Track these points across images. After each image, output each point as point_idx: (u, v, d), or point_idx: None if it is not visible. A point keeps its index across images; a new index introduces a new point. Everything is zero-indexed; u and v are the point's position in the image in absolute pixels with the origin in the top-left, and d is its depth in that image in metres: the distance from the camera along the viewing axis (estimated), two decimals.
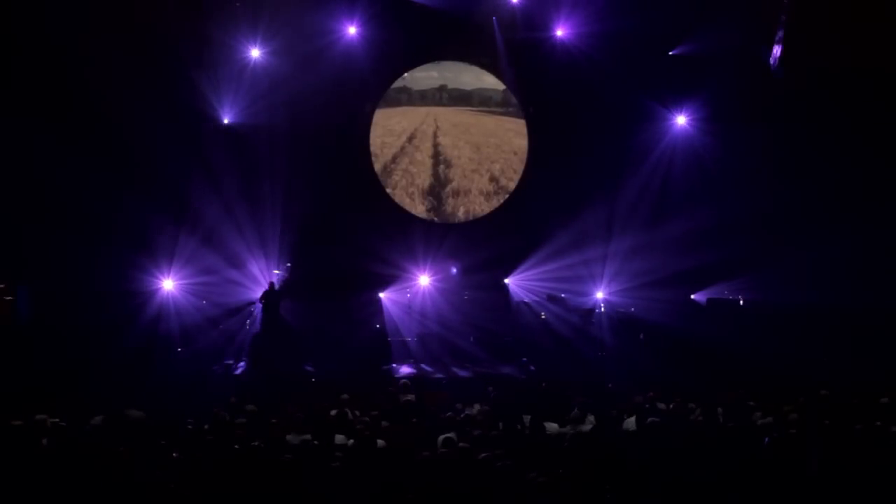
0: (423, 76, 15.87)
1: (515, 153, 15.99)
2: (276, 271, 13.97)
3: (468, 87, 15.98)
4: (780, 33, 14.00)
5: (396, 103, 15.93)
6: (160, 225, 13.41)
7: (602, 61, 14.33)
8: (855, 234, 12.82)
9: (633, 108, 14.47)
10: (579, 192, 14.64)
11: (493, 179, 16.01)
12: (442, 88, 15.93)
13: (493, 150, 16.08)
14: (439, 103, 16.01)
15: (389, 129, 15.95)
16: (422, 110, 16.04)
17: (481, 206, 15.89)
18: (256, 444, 7.02)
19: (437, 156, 16.06)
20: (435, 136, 16.10)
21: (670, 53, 14.70)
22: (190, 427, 7.65)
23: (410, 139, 16.08)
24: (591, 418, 8.27)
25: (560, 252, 14.22)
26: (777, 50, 14.07)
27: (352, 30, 14.82)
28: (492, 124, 16.13)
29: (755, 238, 13.71)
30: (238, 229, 13.87)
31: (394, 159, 15.98)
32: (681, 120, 14.97)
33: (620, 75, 14.10)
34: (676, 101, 14.88)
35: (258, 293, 13.16)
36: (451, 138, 16.10)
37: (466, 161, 16.03)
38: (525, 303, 14.23)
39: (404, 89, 15.89)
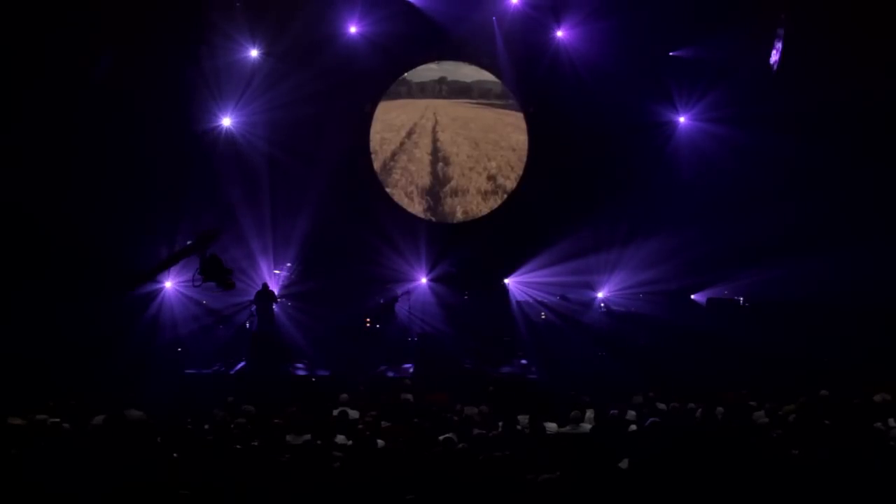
0: (423, 68, 15.80)
1: (514, 149, 15.96)
2: (276, 271, 13.97)
3: (468, 80, 15.92)
4: (781, 33, 14.01)
5: (396, 96, 15.90)
6: (159, 225, 13.38)
7: (603, 62, 14.29)
8: (857, 234, 12.83)
9: (634, 109, 14.43)
10: (579, 192, 14.65)
11: (490, 178, 15.99)
12: (441, 80, 15.88)
13: (491, 147, 16.05)
14: (438, 95, 15.97)
15: (389, 123, 15.92)
16: (421, 103, 16.00)
17: (479, 207, 15.86)
18: (256, 443, 7.04)
19: (435, 153, 16.03)
20: (434, 131, 16.07)
21: (671, 54, 14.70)
22: (190, 427, 7.65)
23: (409, 134, 16.06)
24: (590, 418, 8.29)
25: (560, 253, 14.18)
26: (777, 50, 14.08)
27: (352, 29, 14.84)
28: (491, 118, 16.09)
29: (756, 238, 13.71)
30: (236, 229, 13.84)
31: (393, 156, 15.96)
32: (682, 119, 14.98)
33: (621, 76, 14.08)
34: (677, 101, 14.87)
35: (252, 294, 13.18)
36: (449, 134, 16.07)
37: (465, 158, 16.01)
38: (525, 303, 14.24)
39: (403, 81, 15.84)
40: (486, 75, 15.84)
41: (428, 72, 15.83)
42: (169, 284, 13.40)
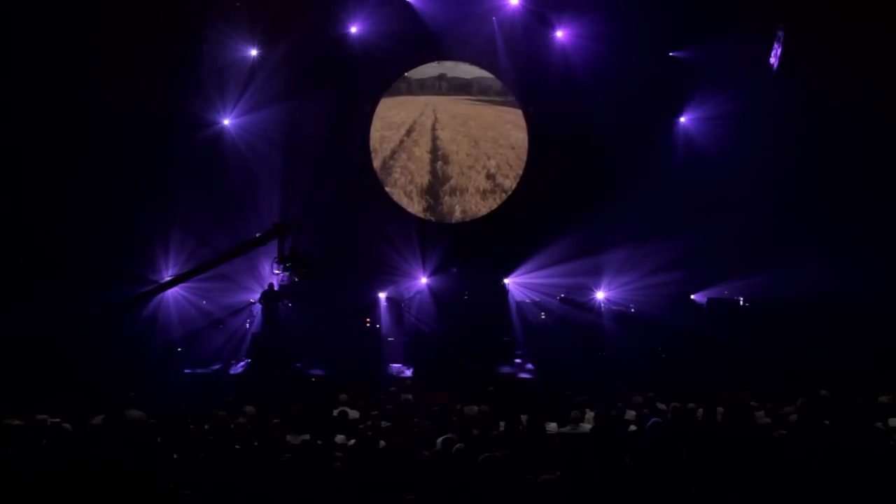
0: (423, 65, 15.85)
1: (513, 147, 15.97)
2: (276, 272, 13.95)
3: (468, 76, 15.95)
4: (781, 33, 14.02)
5: (396, 92, 15.91)
6: (157, 225, 13.39)
7: (603, 61, 14.30)
8: (856, 232, 12.84)
9: (634, 109, 14.41)
10: (579, 191, 14.65)
11: (489, 177, 15.99)
12: (441, 77, 15.90)
13: (490, 145, 16.05)
14: (438, 92, 15.97)
15: (388, 120, 15.92)
16: (421, 100, 16.00)
17: (477, 206, 15.86)
18: (256, 444, 7.03)
19: (435, 151, 16.04)
20: (433, 129, 16.07)
21: (671, 54, 14.70)
22: (190, 427, 7.66)
23: (409, 132, 16.06)
24: (590, 418, 8.27)
25: (560, 253, 14.17)
26: (777, 49, 14.08)
27: (353, 29, 14.84)
28: (491, 116, 16.08)
29: (756, 237, 13.72)
30: (236, 229, 13.82)
31: (392, 154, 15.97)
32: (682, 119, 14.99)
33: (621, 75, 14.07)
34: (677, 101, 14.89)
35: (258, 293, 13.18)
36: (449, 131, 16.07)
37: (464, 157, 16.01)
38: (524, 303, 14.23)
39: (403, 78, 15.89)
40: (486, 72, 15.84)
41: (428, 68, 15.85)
42: None
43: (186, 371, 12.01)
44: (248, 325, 13.30)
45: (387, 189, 15.78)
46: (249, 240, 11.47)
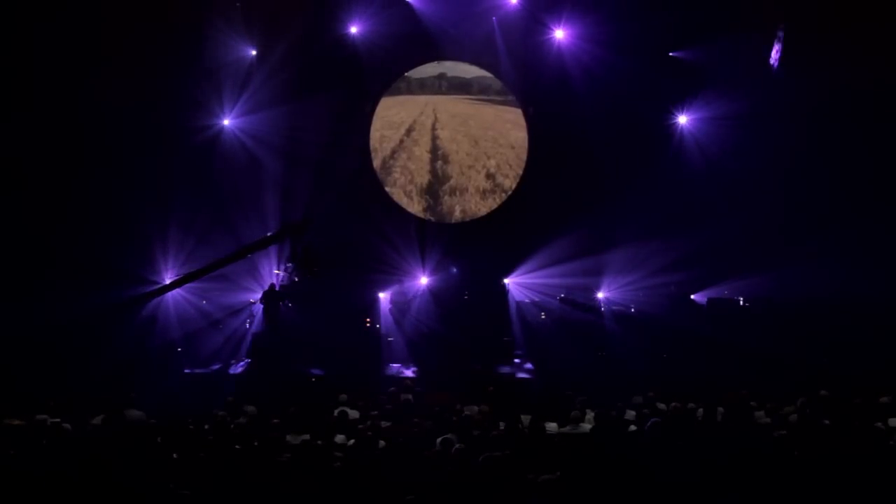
0: (423, 64, 15.86)
1: (513, 147, 15.96)
2: (277, 272, 13.98)
3: (468, 76, 15.95)
4: (781, 33, 14.03)
5: (396, 92, 15.91)
6: (157, 225, 13.38)
7: (603, 61, 14.29)
8: (857, 232, 12.84)
9: (635, 108, 14.40)
10: (579, 191, 14.64)
11: (489, 177, 15.98)
12: (441, 76, 15.90)
13: (490, 145, 16.05)
14: (438, 91, 15.97)
15: (388, 120, 15.93)
16: (421, 99, 16.00)
17: (477, 206, 15.86)
18: (256, 444, 7.03)
19: (435, 150, 16.03)
20: (433, 128, 16.07)
21: (671, 54, 14.70)
22: (190, 427, 7.66)
23: (409, 132, 16.06)
24: (590, 418, 8.27)
25: (560, 253, 14.16)
26: (778, 49, 14.08)
27: (353, 30, 14.85)
28: (490, 115, 16.08)
29: (757, 237, 13.72)
30: (236, 229, 13.83)
31: (392, 154, 15.97)
32: (682, 119, 14.99)
33: (622, 75, 14.06)
34: (678, 100, 14.88)
35: (258, 293, 13.19)
36: (449, 131, 16.07)
37: (464, 156, 16.01)
38: (524, 303, 14.23)
39: (403, 77, 15.89)
40: (486, 72, 15.84)
41: (428, 68, 15.85)
42: None
43: (186, 371, 12.02)
44: (248, 325, 13.31)
45: (387, 189, 15.78)
46: (260, 239, 11.47)
